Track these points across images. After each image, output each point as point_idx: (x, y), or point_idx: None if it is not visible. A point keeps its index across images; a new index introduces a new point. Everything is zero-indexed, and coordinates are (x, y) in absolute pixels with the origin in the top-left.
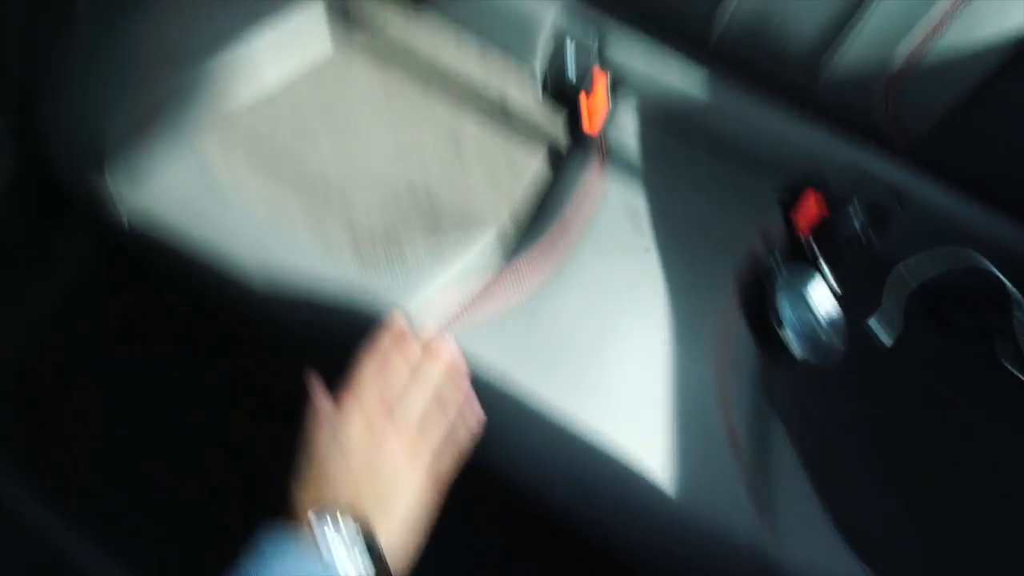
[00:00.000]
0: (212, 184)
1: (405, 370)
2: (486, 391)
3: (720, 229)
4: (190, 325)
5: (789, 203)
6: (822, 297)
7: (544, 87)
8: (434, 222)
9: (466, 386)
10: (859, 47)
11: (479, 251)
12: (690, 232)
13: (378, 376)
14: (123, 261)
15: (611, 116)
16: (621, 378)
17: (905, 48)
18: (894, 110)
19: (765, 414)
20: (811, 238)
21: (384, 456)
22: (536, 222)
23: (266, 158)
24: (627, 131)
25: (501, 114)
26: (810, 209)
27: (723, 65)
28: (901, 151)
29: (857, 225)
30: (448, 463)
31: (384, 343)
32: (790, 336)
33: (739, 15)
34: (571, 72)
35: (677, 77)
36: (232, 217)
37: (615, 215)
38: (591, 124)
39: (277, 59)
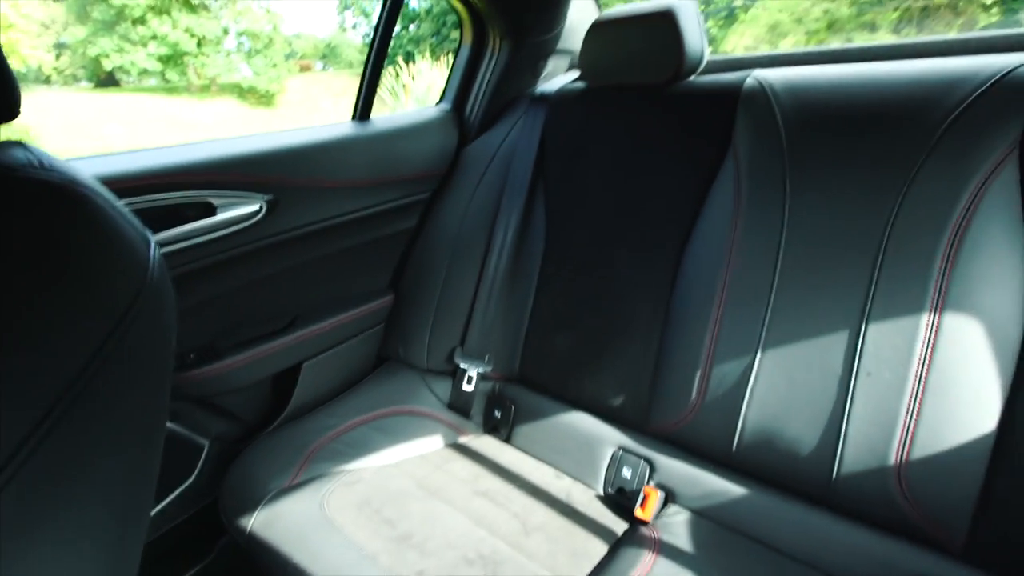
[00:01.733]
0: (324, 522)
1: None
2: None
3: None
4: None
5: None
6: None
7: (604, 497)
8: None
9: None
10: (853, 446)
11: None
12: None
13: None
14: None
15: (664, 515)
16: None
17: (893, 443)
18: (921, 508)
19: None
20: None
21: None
22: None
23: (370, 510)
24: (679, 528)
25: (567, 510)
26: None
27: (748, 471)
28: (959, 555)
29: None
30: None
31: None
32: None
33: (748, 427)
34: (627, 487)
35: (714, 488)
36: (332, 547)
37: None
38: (646, 517)
39: (400, 450)
